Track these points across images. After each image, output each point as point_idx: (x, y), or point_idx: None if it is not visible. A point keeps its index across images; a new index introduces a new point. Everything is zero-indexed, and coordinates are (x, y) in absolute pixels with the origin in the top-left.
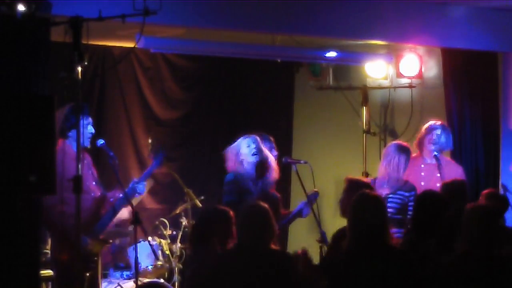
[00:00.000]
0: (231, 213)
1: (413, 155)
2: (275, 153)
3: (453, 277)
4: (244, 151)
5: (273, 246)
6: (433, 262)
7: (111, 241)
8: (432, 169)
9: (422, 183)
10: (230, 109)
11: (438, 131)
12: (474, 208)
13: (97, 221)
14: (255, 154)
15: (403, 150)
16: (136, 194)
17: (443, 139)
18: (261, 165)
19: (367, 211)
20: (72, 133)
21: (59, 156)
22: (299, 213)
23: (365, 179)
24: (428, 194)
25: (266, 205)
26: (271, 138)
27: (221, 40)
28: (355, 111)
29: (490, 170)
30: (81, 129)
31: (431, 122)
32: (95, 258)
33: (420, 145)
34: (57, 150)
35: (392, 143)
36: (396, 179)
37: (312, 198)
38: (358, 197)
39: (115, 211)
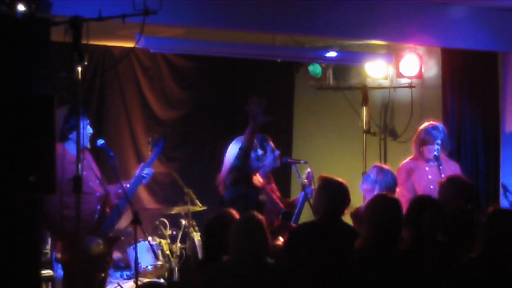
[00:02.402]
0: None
1: (411, 156)
2: (277, 152)
3: (469, 278)
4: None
5: (268, 260)
6: (447, 263)
7: (123, 238)
8: (435, 169)
9: (432, 187)
10: (230, 109)
11: (439, 140)
12: (494, 211)
13: (104, 219)
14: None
15: (376, 167)
16: (144, 180)
17: (444, 144)
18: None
19: (384, 213)
20: (73, 135)
21: (59, 161)
22: (306, 198)
23: (339, 179)
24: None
25: (260, 216)
26: (268, 138)
27: (221, 40)
28: (355, 111)
29: (490, 170)
30: (81, 130)
31: (430, 128)
32: (108, 258)
33: (420, 149)
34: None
35: None
36: None
37: (310, 178)
38: (376, 199)
39: (120, 211)
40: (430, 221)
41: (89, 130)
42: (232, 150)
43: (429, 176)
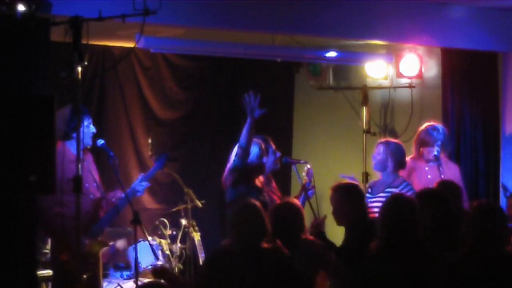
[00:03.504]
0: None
1: (412, 156)
2: (279, 154)
3: (457, 277)
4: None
5: (265, 245)
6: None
7: (111, 243)
8: (435, 170)
9: (430, 187)
10: (230, 109)
11: (439, 142)
12: (479, 206)
13: (95, 222)
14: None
15: (381, 143)
16: (138, 193)
17: (444, 145)
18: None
19: (399, 213)
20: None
21: (59, 159)
22: (306, 198)
23: (348, 181)
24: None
25: (257, 203)
26: (270, 140)
27: (221, 40)
28: (355, 111)
29: (490, 170)
30: (83, 129)
31: (431, 129)
32: (93, 260)
33: (419, 149)
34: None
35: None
36: (385, 175)
37: (309, 175)
38: (390, 199)
39: (119, 211)
40: (432, 214)
41: (92, 129)
42: (235, 152)
43: (428, 176)
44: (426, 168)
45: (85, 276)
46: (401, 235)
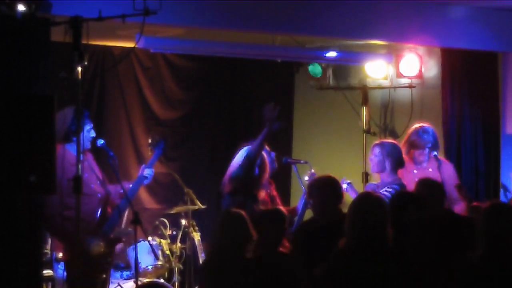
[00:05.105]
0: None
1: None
2: (273, 154)
3: (473, 280)
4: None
5: (249, 254)
6: (445, 264)
7: (124, 239)
8: (424, 172)
9: None
10: (230, 109)
11: (429, 144)
12: (491, 207)
13: (106, 220)
14: None
15: (376, 145)
16: (145, 181)
17: (434, 147)
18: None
19: (368, 211)
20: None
21: (59, 162)
22: (307, 205)
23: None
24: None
25: (242, 212)
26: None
27: (221, 40)
28: (355, 111)
29: (490, 170)
30: (83, 132)
31: (421, 132)
32: (109, 259)
33: (409, 151)
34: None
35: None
36: (385, 176)
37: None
38: (360, 197)
39: (120, 211)
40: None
41: (92, 133)
42: (239, 157)
43: (415, 179)
44: (415, 171)
45: (104, 276)
46: (369, 233)
